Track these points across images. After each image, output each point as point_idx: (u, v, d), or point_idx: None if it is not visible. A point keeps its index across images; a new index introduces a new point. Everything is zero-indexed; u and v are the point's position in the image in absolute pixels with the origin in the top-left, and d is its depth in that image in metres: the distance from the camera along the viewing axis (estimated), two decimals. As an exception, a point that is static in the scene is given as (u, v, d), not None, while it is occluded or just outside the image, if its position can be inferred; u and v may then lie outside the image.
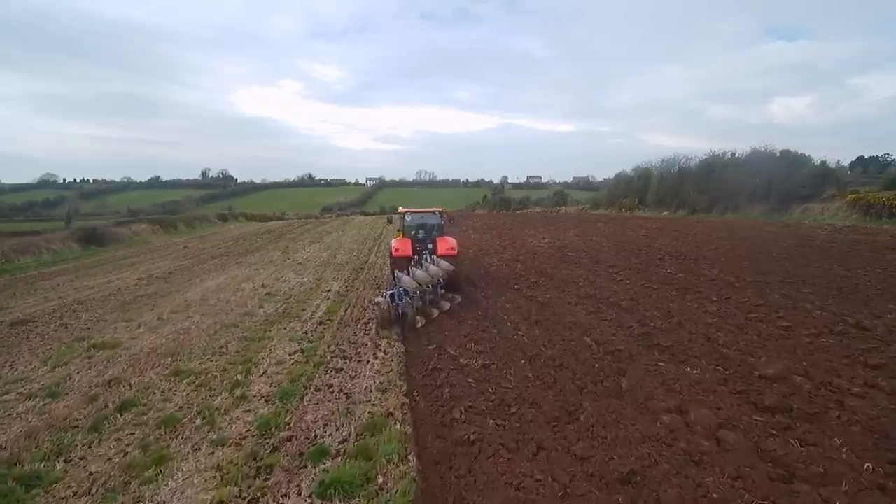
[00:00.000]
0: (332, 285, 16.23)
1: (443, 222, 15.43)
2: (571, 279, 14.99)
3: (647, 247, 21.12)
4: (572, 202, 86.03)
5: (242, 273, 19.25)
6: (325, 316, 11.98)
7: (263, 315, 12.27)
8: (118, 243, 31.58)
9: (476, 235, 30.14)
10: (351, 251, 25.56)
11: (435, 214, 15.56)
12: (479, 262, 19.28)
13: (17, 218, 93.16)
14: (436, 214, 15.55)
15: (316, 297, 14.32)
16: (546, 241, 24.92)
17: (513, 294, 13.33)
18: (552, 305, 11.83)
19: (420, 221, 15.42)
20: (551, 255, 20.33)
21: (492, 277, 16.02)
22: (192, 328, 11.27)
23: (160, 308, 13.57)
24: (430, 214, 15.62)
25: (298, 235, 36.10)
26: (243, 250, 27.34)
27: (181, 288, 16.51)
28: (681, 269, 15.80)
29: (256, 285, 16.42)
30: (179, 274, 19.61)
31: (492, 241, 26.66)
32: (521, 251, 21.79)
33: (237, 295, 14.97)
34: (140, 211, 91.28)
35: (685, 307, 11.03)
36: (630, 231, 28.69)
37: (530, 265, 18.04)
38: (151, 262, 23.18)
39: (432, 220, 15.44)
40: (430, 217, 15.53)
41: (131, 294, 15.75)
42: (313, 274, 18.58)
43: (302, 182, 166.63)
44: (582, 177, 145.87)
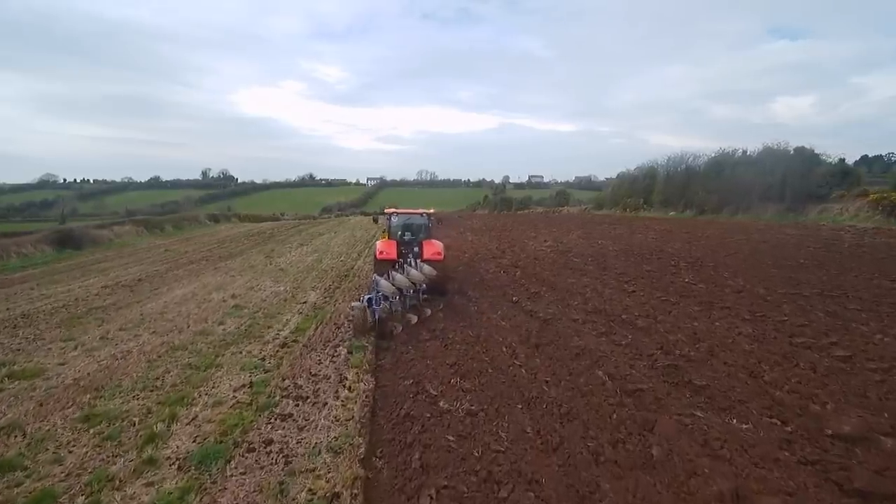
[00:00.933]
0: (310, 295, 14.56)
1: (430, 224, 14.76)
2: (577, 290, 13.29)
3: (659, 251, 19.41)
4: (574, 202, 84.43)
5: (216, 280, 17.59)
6: (291, 335, 10.30)
7: (221, 334, 10.59)
8: (97, 246, 29.96)
9: (474, 238, 28.45)
10: (339, 255, 23.90)
11: (422, 216, 14.91)
12: (474, 269, 17.58)
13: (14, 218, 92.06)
14: (423, 216, 14.90)
15: (288, 311, 12.66)
16: (548, 245, 23.21)
17: (510, 308, 11.64)
18: (555, 323, 10.14)
19: (406, 223, 14.80)
20: (554, 260, 18.62)
21: (488, 287, 14.33)
22: (134, 351, 9.60)
23: (110, 323, 11.90)
24: (417, 216, 14.99)
25: (288, 237, 34.45)
26: (226, 254, 25.69)
27: (144, 298, 14.86)
28: (699, 277, 14.09)
29: (226, 295, 14.75)
30: (149, 281, 17.95)
31: (490, 244, 24.95)
32: (521, 256, 20.09)
33: (201, 307, 13.30)
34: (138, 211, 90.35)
35: (713, 328, 9.32)
36: (637, 233, 26.96)
37: (531, 272, 16.34)
38: (124, 268, 21.53)
39: (419, 221, 14.84)
40: (417, 218, 14.92)
41: (86, 306, 14.08)
42: (292, 282, 16.91)
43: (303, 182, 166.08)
44: (584, 176, 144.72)
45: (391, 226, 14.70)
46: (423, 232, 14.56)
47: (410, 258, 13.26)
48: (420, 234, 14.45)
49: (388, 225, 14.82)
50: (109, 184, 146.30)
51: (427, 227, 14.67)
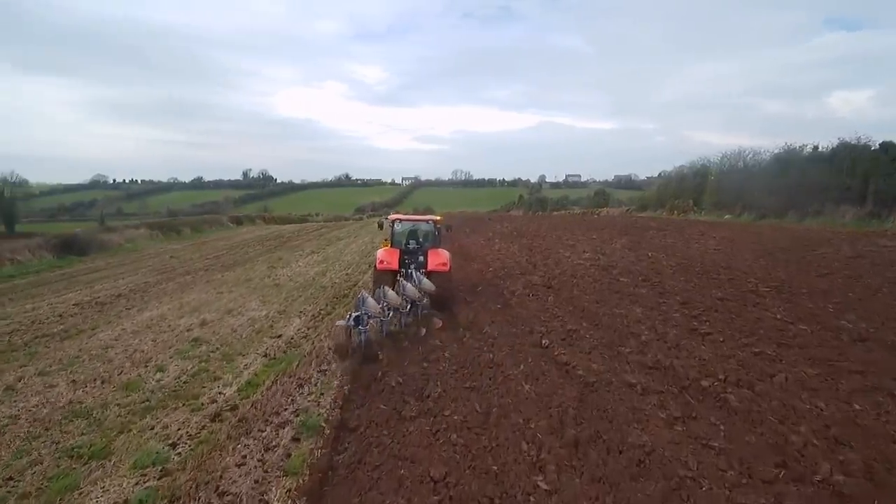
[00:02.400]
0: (291, 324, 11.90)
1: (437, 232, 13.75)
2: (628, 327, 10.08)
3: (726, 268, 15.82)
4: (614, 202, 79.92)
5: (199, 298, 15.21)
6: (236, 396, 7.57)
7: (151, 388, 7.99)
8: (104, 251, 28.43)
9: (502, 245, 25.29)
10: (348, 265, 21.27)
11: (428, 223, 13.98)
12: (497, 289, 14.52)
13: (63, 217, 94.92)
14: (429, 223, 13.95)
15: (254, 349, 10.00)
16: (587, 256, 19.86)
17: (538, 358, 8.56)
18: (602, 391, 7.03)
19: (411, 230, 13.98)
20: (595, 278, 15.34)
21: (512, 318, 11.26)
22: (24, 416, 7.09)
23: (37, 362, 9.54)
24: (423, 222, 14.13)
25: (304, 242, 32.21)
26: (230, 262, 23.51)
27: (104, 323, 12.58)
28: (795, 313, 10.60)
29: (195, 322, 12.27)
30: (128, 297, 15.76)
31: (520, 254, 21.77)
32: (556, 271, 16.87)
33: (156, 340, 10.82)
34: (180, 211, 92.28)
35: (854, 416, 6.00)
36: (694, 241, 23.19)
37: (567, 296, 13.16)
38: (115, 279, 19.51)
39: (425, 228, 13.94)
40: (423, 225, 14.04)
41: (35, 332, 11.85)
42: (281, 302, 14.32)
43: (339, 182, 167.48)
44: (624, 175, 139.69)
45: (394, 233, 13.62)
46: (430, 240, 13.57)
47: (413, 269, 12.19)
48: (426, 243, 13.47)
49: (391, 232, 13.64)
50: (155, 184, 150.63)
51: (434, 235, 13.65)
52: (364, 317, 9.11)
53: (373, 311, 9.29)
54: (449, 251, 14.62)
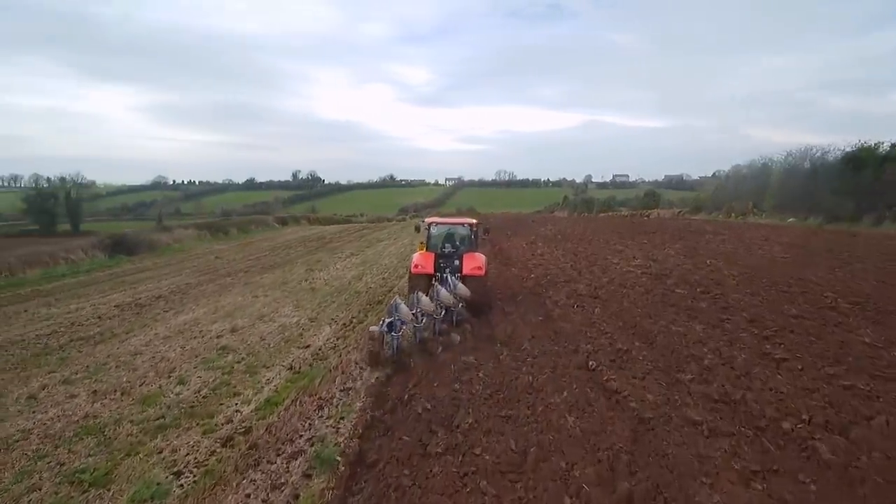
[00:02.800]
0: (321, 333, 11.42)
1: (474, 236, 13.60)
2: (687, 348, 8.95)
3: (798, 280, 14.20)
4: (665, 204, 76.50)
5: (234, 302, 15.06)
6: (252, 415, 7.05)
7: (168, 404, 7.60)
8: (152, 251, 29.25)
9: (545, 249, 24.17)
10: (385, 269, 20.79)
11: (465, 226, 13.86)
12: (538, 299, 13.56)
13: (125, 217, 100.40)
14: (465, 226, 13.84)
15: (280, 360, 9.53)
16: (637, 263, 18.52)
17: (584, 383, 7.60)
18: (660, 430, 6.03)
19: (447, 233, 13.73)
20: (647, 289, 14.10)
21: (554, 334, 10.30)
22: (36, 432, 6.81)
23: (64, 369, 9.44)
24: (459, 226, 14.00)
25: (344, 244, 32.12)
26: (270, 263, 23.55)
27: (138, 327, 12.54)
28: (888, 336, 9.12)
29: (226, 328, 12.01)
30: (167, 299, 15.82)
31: (564, 259, 20.63)
32: (603, 280, 15.71)
33: (185, 347, 10.57)
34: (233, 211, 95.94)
35: None
36: (757, 248, 21.33)
37: (616, 309, 12.06)
38: (158, 280, 19.81)
39: (461, 232, 13.73)
40: (460, 229, 13.85)
41: (72, 335, 11.92)
42: (314, 308, 13.92)
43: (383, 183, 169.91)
44: (675, 175, 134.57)
45: (430, 236, 13.44)
46: (466, 244, 13.41)
47: (448, 273, 12.09)
48: (462, 246, 13.28)
49: (426, 235, 13.48)
50: (211, 185, 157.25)
51: (470, 239, 13.50)
52: (397, 323, 8.97)
53: (406, 318, 9.09)
54: (487, 255, 14.52)
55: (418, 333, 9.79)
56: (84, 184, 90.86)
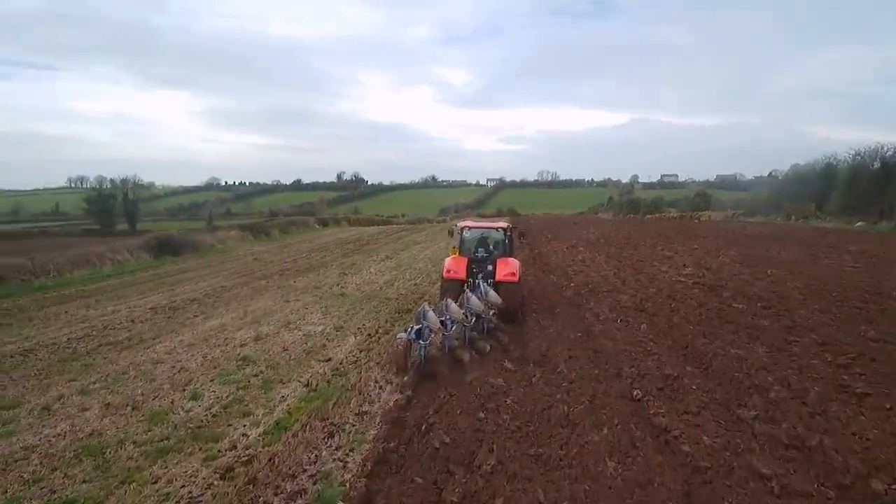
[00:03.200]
0: (345, 343, 10.90)
1: (508, 240, 13.21)
2: (749, 376, 7.82)
3: (875, 294, 12.61)
4: (717, 205, 72.73)
5: (264, 306, 14.84)
6: (259, 441, 6.52)
7: (178, 422, 7.20)
8: (196, 252, 29.86)
9: (587, 255, 22.95)
10: (419, 273, 20.22)
11: (498, 230, 13.41)
12: (578, 311, 12.57)
13: (181, 217, 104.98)
14: (499, 230, 13.38)
15: (298, 374, 9.03)
16: (688, 272, 17.14)
17: (628, 416, 6.66)
18: (719, 484, 5.04)
19: (481, 238, 13.41)
20: (699, 302, 12.86)
21: (594, 353, 9.34)
22: (39, 447, 6.54)
23: (89, 375, 9.34)
24: (493, 230, 13.56)
25: (381, 246, 31.84)
26: (306, 266, 23.44)
27: (169, 330, 12.52)
28: None
29: (250, 336, 11.69)
30: (200, 303, 15.80)
31: (607, 266, 19.42)
32: (650, 290, 14.53)
33: (206, 357, 10.27)
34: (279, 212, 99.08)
35: None
36: (823, 256, 19.43)
37: (664, 325, 10.94)
38: (196, 281, 19.99)
39: (495, 236, 13.34)
40: (493, 233, 13.44)
41: (103, 339, 11.93)
42: (342, 316, 13.46)
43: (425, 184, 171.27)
44: (727, 175, 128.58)
45: (463, 240, 13.14)
46: (500, 248, 13.05)
47: (480, 279, 11.87)
48: (495, 251, 12.94)
49: (459, 240, 13.16)
50: (261, 186, 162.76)
51: (504, 244, 13.11)
52: (426, 330, 8.74)
53: (434, 326, 8.83)
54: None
55: (447, 341, 9.45)
56: (142, 185, 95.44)
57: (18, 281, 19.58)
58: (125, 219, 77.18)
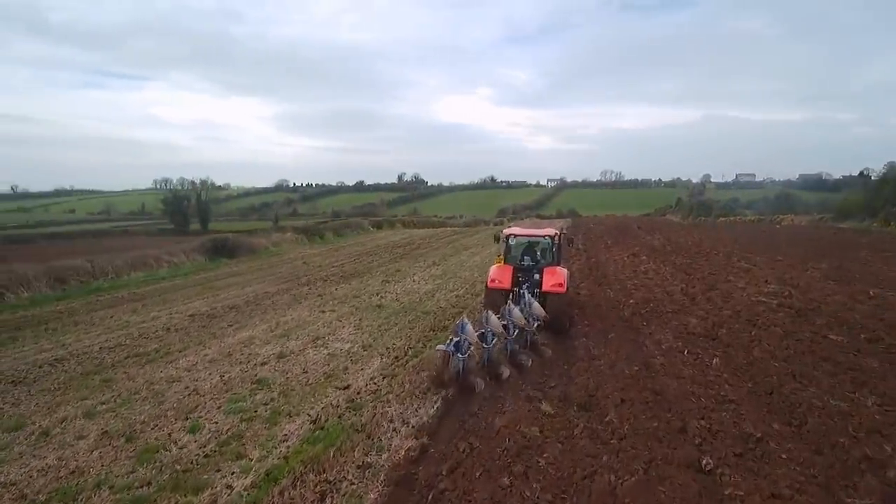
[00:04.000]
0: (370, 367, 9.95)
1: (556, 248, 12.81)
2: (858, 443, 6.06)
3: None
4: (799, 207, 66.21)
5: (298, 317, 14.29)
6: (242, 498, 5.61)
7: (166, 462, 6.46)
8: (252, 254, 30.32)
9: (650, 264, 20.86)
10: (464, 283, 19.05)
11: (545, 238, 12.96)
12: (636, 337, 10.92)
13: (251, 217, 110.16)
14: (546, 238, 12.95)
15: (310, 405, 8.14)
16: (771, 289, 14.88)
17: (695, 496, 5.18)
18: None
19: (527, 246, 13.06)
20: (786, 330, 10.84)
21: (653, 398, 7.77)
22: (18, 483, 5.99)
23: (103, 393, 8.96)
24: (540, 238, 13.10)
25: (430, 251, 30.95)
26: (351, 271, 22.94)
27: (197, 342, 12.24)
28: None
29: (275, 352, 11.04)
30: (238, 310, 15.52)
31: (673, 279, 17.39)
32: (724, 312, 12.58)
33: (223, 377, 9.66)
34: (342, 212, 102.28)
35: None
36: (941, 273, 16.40)
37: (741, 361, 9.14)
38: (243, 286, 19.92)
39: (543, 244, 12.96)
40: (541, 241, 13.03)
41: (132, 350, 11.74)
42: (373, 332, 12.56)
43: (483, 185, 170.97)
44: (811, 174, 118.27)
45: (509, 248, 12.89)
46: (547, 257, 12.73)
47: (525, 288, 11.35)
48: (542, 260, 12.60)
49: (505, 247, 12.92)
50: (325, 187, 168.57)
51: (552, 252, 12.77)
52: (465, 343, 8.49)
53: (472, 339, 8.53)
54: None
55: (486, 355, 9.14)
56: (217, 187, 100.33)
57: (78, 283, 20.36)
58: (198, 219, 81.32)
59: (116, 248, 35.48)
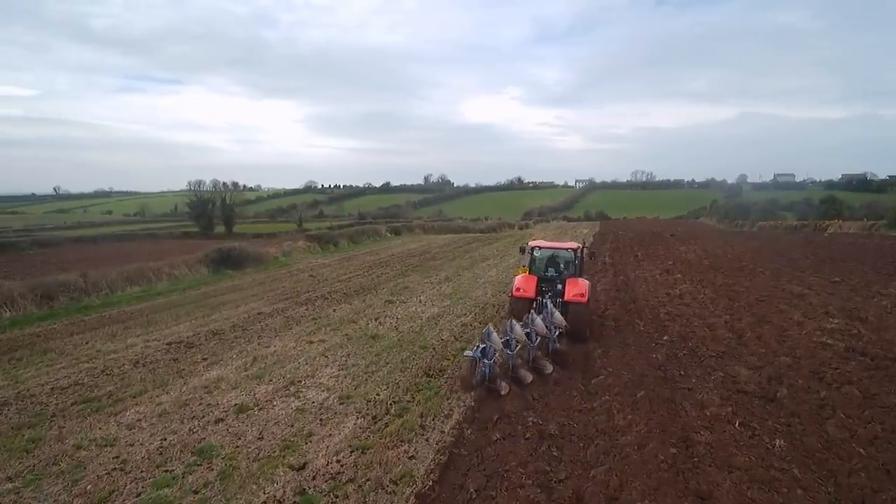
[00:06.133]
0: (338, 433, 8.11)
1: (578, 261, 13.35)
2: None
3: None
4: (845, 212, 61.38)
5: (281, 350, 12.72)
6: None
7: None
8: (258, 264, 29.09)
9: (687, 287, 18.46)
10: (475, 305, 17.09)
11: (568, 251, 13.59)
12: (671, 395, 8.80)
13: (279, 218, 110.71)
14: (569, 251, 13.57)
15: (248, 497, 6.39)
16: (835, 325, 12.48)
17: None
18: None
19: (551, 257, 13.69)
20: (864, 390, 8.56)
21: (693, 500, 5.74)
22: None
23: (14, 465, 7.41)
24: (563, 250, 13.73)
25: (446, 262, 29.10)
26: (356, 287, 21.30)
27: (158, 383, 10.70)
28: None
29: (237, 402, 9.42)
30: (220, 338, 14.09)
31: (714, 306, 15.05)
32: (780, 356, 10.31)
33: (164, 441, 8.05)
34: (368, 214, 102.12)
35: None
36: None
37: (813, 443, 6.96)
38: (236, 305, 18.52)
39: (566, 256, 13.57)
40: (563, 253, 13.66)
41: (83, 394, 10.29)
42: (359, 374, 10.79)
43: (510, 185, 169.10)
44: (855, 174, 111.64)
45: (534, 259, 13.53)
46: (570, 269, 13.31)
47: (548, 298, 11.93)
48: (565, 271, 13.21)
49: (529, 259, 13.55)
50: (352, 189, 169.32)
51: (574, 264, 13.35)
52: (490, 350, 9.20)
53: (497, 346, 9.27)
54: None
55: (510, 360, 9.82)
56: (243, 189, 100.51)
57: (68, 299, 19.29)
58: (223, 221, 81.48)
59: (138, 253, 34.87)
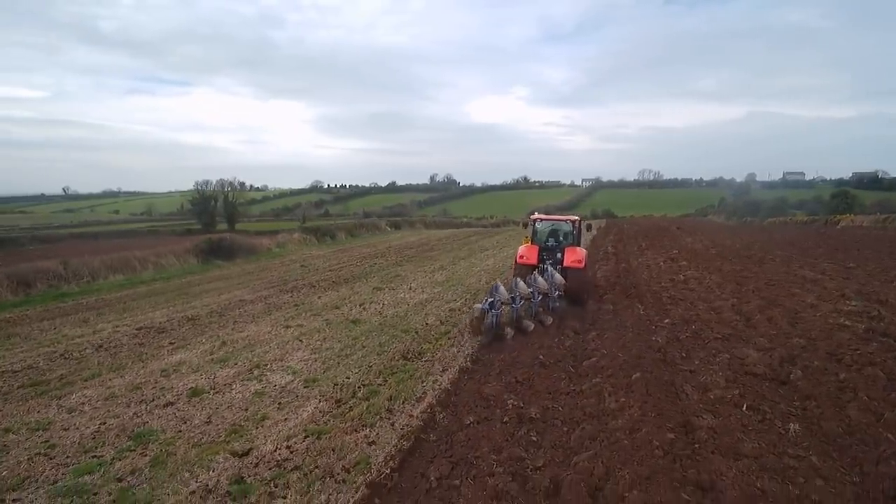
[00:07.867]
0: (299, 414, 7.26)
1: (576, 231, 14.42)
2: None
3: None
4: (857, 208, 59.86)
5: (254, 334, 11.93)
6: None
7: None
8: (251, 255, 28.39)
9: (692, 272, 17.44)
10: (466, 291, 16.19)
11: (567, 223, 14.67)
12: (671, 378, 7.85)
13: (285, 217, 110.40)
14: (568, 223, 14.65)
15: (177, 486, 5.54)
16: (852, 307, 11.47)
17: None
18: None
19: (552, 229, 14.72)
20: (887, 370, 7.60)
21: (693, 490, 4.83)
22: None
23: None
24: (563, 222, 14.78)
25: (442, 253, 28.22)
26: (347, 276, 20.48)
27: (115, 368, 9.91)
28: None
29: (195, 385, 8.60)
30: (193, 323, 13.35)
31: (721, 290, 14.05)
32: (792, 337, 9.32)
33: (106, 422, 7.24)
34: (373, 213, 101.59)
35: None
36: None
37: (832, 427, 5.99)
38: (220, 293, 17.77)
39: (564, 228, 14.63)
40: (563, 225, 14.71)
41: (33, 377, 9.56)
42: (332, 357, 9.96)
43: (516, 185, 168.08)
44: (866, 172, 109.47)
45: (536, 231, 14.62)
46: (569, 239, 14.29)
47: (548, 265, 13.08)
48: (564, 241, 14.21)
49: (532, 230, 14.64)
50: (358, 188, 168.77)
51: (572, 234, 14.36)
52: (497, 302, 10.45)
53: (503, 298, 10.64)
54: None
55: (514, 312, 10.97)
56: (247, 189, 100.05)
57: (46, 287, 18.62)
58: (225, 219, 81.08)
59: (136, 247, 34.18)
